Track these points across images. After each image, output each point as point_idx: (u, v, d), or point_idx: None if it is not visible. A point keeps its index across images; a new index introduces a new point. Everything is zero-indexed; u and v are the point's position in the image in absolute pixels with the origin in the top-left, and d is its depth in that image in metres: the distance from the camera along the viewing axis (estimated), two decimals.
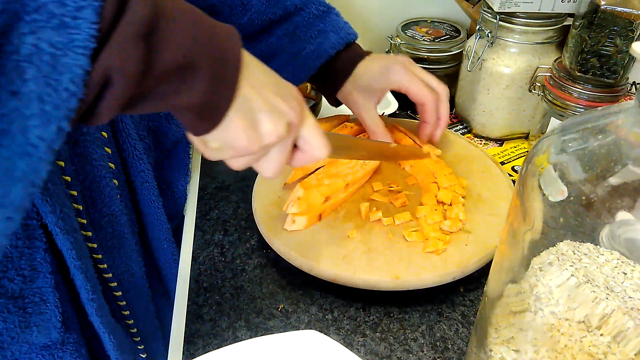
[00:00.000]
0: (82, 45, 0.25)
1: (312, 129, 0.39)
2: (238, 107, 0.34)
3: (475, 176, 0.64)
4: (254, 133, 0.35)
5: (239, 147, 0.35)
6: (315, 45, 0.61)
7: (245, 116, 0.34)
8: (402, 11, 0.92)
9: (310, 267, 0.53)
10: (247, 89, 0.34)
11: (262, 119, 0.35)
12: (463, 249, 0.54)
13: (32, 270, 0.43)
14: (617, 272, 0.29)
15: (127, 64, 0.27)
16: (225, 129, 0.34)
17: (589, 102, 0.65)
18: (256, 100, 0.34)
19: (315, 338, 0.40)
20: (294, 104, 0.37)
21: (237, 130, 0.34)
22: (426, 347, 0.49)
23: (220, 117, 0.33)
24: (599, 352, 0.29)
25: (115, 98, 0.28)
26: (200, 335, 0.50)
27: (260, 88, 0.35)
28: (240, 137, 0.34)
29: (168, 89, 0.31)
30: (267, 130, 0.35)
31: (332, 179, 0.60)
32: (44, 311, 0.45)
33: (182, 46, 0.30)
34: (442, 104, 0.62)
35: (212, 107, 0.33)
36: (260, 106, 0.35)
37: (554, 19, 0.70)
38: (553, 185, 0.30)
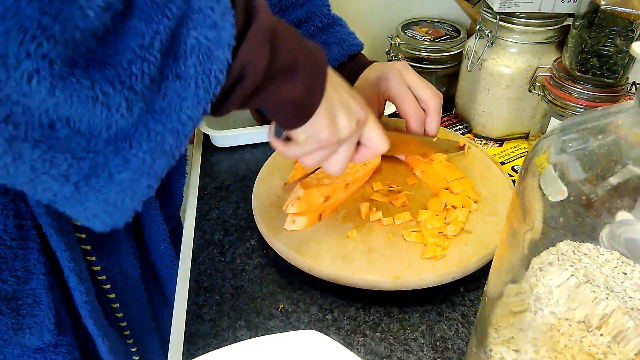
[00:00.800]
0: (227, 41, 0.31)
1: (374, 125, 0.46)
2: (324, 105, 0.39)
3: (475, 176, 0.64)
4: (334, 127, 0.41)
5: (322, 139, 0.41)
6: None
7: (328, 113, 0.40)
8: (402, 11, 0.92)
9: (310, 267, 0.53)
10: (330, 90, 0.40)
11: (339, 115, 0.41)
12: (463, 249, 0.54)
13: (25, 271, 0.43)
14: (617, 272, 0.29)
15: (258, 60, 0.33)
16: (313, 123, 0.40)
17: (589, 102, 0.65)
18: (336, 99, 0.41)
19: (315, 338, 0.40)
20: (362, 105, 0.43)
21: (322, 124, 0.40)
22: (426, 347, 0.49)
23: (312, 111, 0.39)
24: (599, 352, 0.29)
25: (245, 89, 0.34)
26: (200, 335, 0.50)
27: (339, 90, 0.42)
28: (324, 130, 0.40)
29: (277, 85, 0.36)
30: (343, 125, 0.41)
31: (332, 178, 0.60)
32: (37, 313, 0.45)
33: (292, 51, 0.36)
34: (430, 120, 0.60)
35: (307, 102, 0.38)
36: (339, 105, 0.41)
37: (554, 19, 0.70)
38: (553, 185, 0.30)
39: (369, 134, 0.46)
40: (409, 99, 0.58)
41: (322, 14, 0.65)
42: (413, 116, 0.58)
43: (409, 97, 0.58)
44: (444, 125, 0.82)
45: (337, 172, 0.45)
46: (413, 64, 0.83)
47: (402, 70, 0.59)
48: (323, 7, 0.66)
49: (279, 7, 0.64)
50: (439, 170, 0.63)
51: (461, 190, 0.60)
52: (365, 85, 0.61)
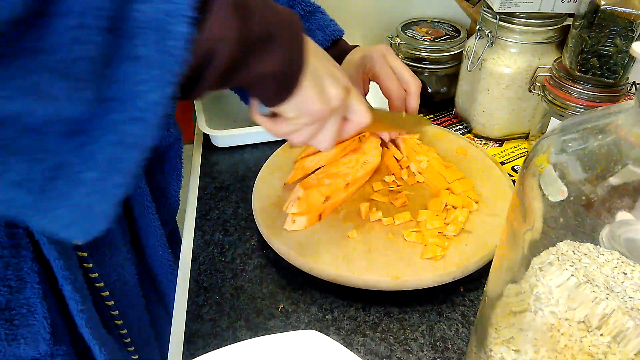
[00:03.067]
0: (185, 12, 0.28)
1: (358, 97, 0.44)
2: (308, 76, 0.37)
3: (475, 176, 0.64)
4: (324, 97, 0.39)
5: (314, 111, 0.39)
6: None
7: (315, 83, 0.38)
8: (402, 11, 0.92)
9: (310, 267, 0.53)
10: (312, 58, 0.38)
11: (327, 84, 0.39)
12: (463, 249, 0.54)
13: (19, 280, 0.42)
14: (617, 272, 0.29)
15: (228, 33, 0.31)
16: (301, 96, 0.37)
17: (589, 102, 0.65)
18: (320, 67, 0.39)
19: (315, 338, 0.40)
20: (344, 73, 0.42)
21: (311, 95, 0.38)
22: (426, 347, 0.49)
23: (296, 83, 0.37)
24: (599, 352, 0.29)
25: (217, 66, 0.31)
26: (200, 335, 0.50)
27: (321, 59, 0.39)
28: (314, 101, 0.38)
29: (255, 58, 0.34)
30: (333, 94, 0.39)
31: (332, 178, 0.60)
32: (32, 323, 0.43)
33: (265, 19, 0.33)
34: (411, 99, 0.62)
35: (289, 74, 0.36)
36: (325, 73, 0.39)
37: (554, 19, 0.70)
38: (553, 185, 0.30)
39: (354, 106, 0.44)
40: (393, 78, 0.61)
41: (304, 1, 0.65)
42: (396, 94, 0.61)
43: (393, 77, 0.61)
44: (444, 125, 0.82)
45: (327, 148, 0.44)
46: (413, 64, 0.83)
47: (385, 53, 0.62)
48: None
49: None
50: (439, 171, 0.63)
51: (462, 190, 0.60)
52: (350, 66, 0.63)
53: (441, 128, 0.74)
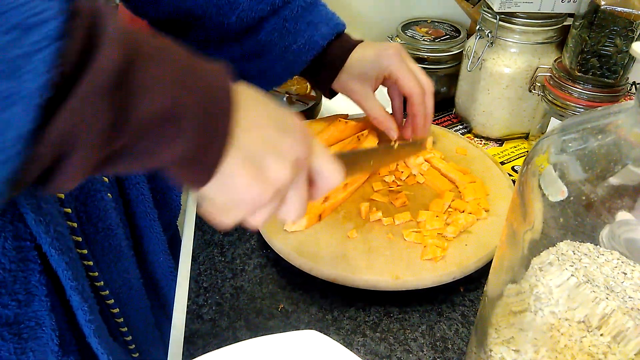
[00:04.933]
0: (33, 93, 0.21)
1: (322, 157, 0.35)
2: (236, 155, 0.30)
3: (476, 176, 0.64)
4: (262, 180, 0.31)
5: (249, 199, 0.31)
6: (306, 38, 0.60)
7: (247, 164, 0.30)
8: (402, 11, 0.92)
9: (310, 267, 0.53)
10: (243, 133, 0.30)
11: (266, 162, 0.31)
12: (463, 249, 0.54)
13: (27, 294, 0.41)
14: (617, 272, 0.29)
15: (94, 122, 0.23)
16: (226, 182, 0.31)
17: (589, 102, 0.65)
18: (255, 144, 0.31)
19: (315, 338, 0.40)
20: (299, 137, 0.33)
21: (242, 180, 0.30)
22: (426, 347, 0.49)
23: (212, 170, 0.30)
24: (599, 352, 0.29)
25: (80, 161, 0.24)
26: (200, 335, 0.50)
27: (259, 129, 0.31)
28: (247, 188, 0.31)
29: (147, 145, 0.27)
30: (275, 174, 0.31)
31: None
32: (40, 335, 0.43)
33: (161, 95, 0.26)
34: (428, 98, 0.61)
35: (201, 160, 0.29)
36: (262, 149, 0.31)
37: (554, 19, 0.70)
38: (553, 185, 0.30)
39: (318, 168, 0.35)
40: (412, 76, 0.59)
41: None
42: (417, 93, 0.60)
43: (412, 75, 0.60)
44: (444, 125, 0.82)
45: (297, 220, 0.38)
46: None
47: (400, 51, 0.61)
48: None
49: None
50: (446, 172, 0.63)
51: (473, 198, 0.59)
52: (363, 63, 0.61)
53: (441, 128, 0.74)
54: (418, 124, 0.62)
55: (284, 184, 0.32)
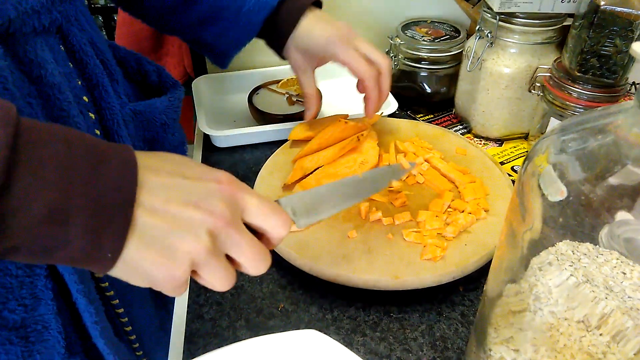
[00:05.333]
0: None
1: (258, 209, 0.34)
2: (138, 241, 0.29)
3: (475, 176, 0.64)
4: (171, 260, 0.30)
5: (161, 280, 0.30)
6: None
7: (153, 246, 0.29)
8: (402, 11, 0.92)
9: (310, 267, 0.53)
10: (146, 216, 0.29)
11: (174, 241, 0.30)
12: (463, 248, 0.54)
13: (33, 298, 0.41)
14: (616, 272, 0.29)
15: None
16: (133, 267, 0.30)
17: (588, 102, 0.65)
18: (158, 225, 0.29)
19: (315, 338, 0.40)
20: (213, 203, 0.31)
21: (150, 263, 0.30)
22: (426, 347, 0.49)
23: (111, 262, 0.29)
24: (598, 351, 0.29)
25: None
26: (200, 335, 0.50)
27: (163, 205, 0.30)
28: (156, 270, 0.30)
29: (38, 246, 0.27)
30: (186, 250, 0.30)
31: (331, 178, 0.60)
32: (46, 338, 0.43)
33: (43, 198, 0.26)
34: (384, 78, 0.62)
35: (97, 256, 0.28)
36: (167, 228, 0.30)
37: (553, 19, 0.70)
38: (552, 185, 0.30)
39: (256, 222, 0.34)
40: (361, 59, 0.60)
41: None
42: (369, 75, 0.61)
43: (361, 60, 0.60)
44: (444, 125, 0.82)
45: (226, 288, 0.34)
46: (413, 64, 0.83)
47: (348, 35, 0.61)
48: None
49: None
50: (446, 172, 0.63)
51: (473, 198, 0.59)
52: (309, 38, 0.61)
53: (441, 128, 0.74)
54: (370, 106, 0.63)
55: (198, 257, 0.31)
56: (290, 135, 0.71)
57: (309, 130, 0.70)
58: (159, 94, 0.57)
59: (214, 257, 0.32)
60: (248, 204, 0.34)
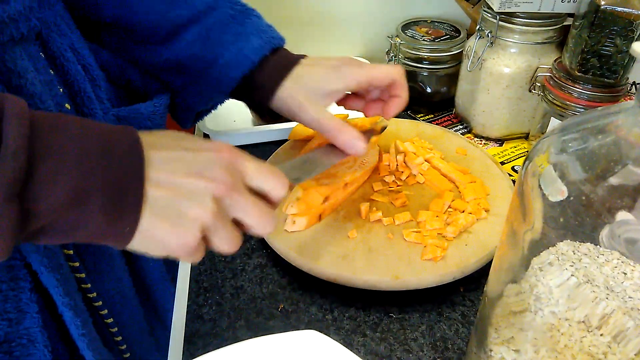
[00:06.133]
0: None
1: (257, 172, 0.36)
2: (150, 213, 0.31)
3: (475, 176, 0.64)
4: (182, 227, 0.32)
5: (177, 244, 0.33)
6: (235, 52, 0.53)
7: (163, 216, 0.32)
8: (402, 11, 0.92)
9: (310, 267, 0.53)
10: (154, 189, 0.32)
11: (182, 209, 0.32)
12: (463, 249, 0.54)
13: (18, 312, 0.41)
14: (617, 272, 0.29)
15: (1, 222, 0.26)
16: (149, 237, 0.32)
17: (589, 102, 0.65)
18: (167, 196, 0.32)
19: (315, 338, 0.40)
20: (215, 170, 0.34)
21: (163, 232, 0.32)
22: (426, 347, 0.49)
23: (129, 235, 0.31)
24: (599, 352, 0.29)
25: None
26: (200, 335, 0.50)
27: (169, 177, 0.32)
28: (170, 236, 0.32)
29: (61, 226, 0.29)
30: (193, 216, 0.32)
31: (331, 178, 0.60)
32: (32, 352, 0.42)
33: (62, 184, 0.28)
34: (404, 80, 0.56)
35: (116, 231, 0.31)
36: (174, 198, 0.32)
37: (554, 19, 0.70)
38: (553, 185, 0.30)
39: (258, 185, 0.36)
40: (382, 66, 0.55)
41: (233, 0, 0.55)
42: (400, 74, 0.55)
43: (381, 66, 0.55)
44: (444, 125, 0.82)
45: (233, 250, 0.36)
46: (413, 64, 0.83)
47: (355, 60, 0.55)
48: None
49: None
50: (446, 172, 0.63)
51: (473, 198, 0.59)
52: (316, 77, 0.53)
53: (441, 128, 0.74)
54: (401, 105, 0.57)
55: (206, 221, 0.33)
56: (290, 135, 0.71)
57: (309, 130, 0.70)
58: (144, 99, 0.55)
59: (221, 221, 0.34)
60: (247, 169, 0.36)
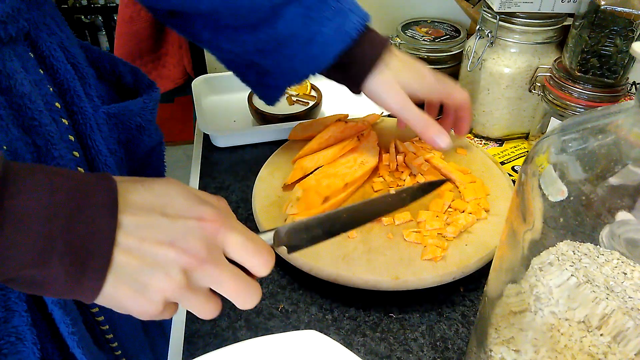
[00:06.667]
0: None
1: (240, 247, 0.34)
2: (114, 279, 0.31)
3: (475, 176, 0.64)
4: (144, 297, 0.31)
5: (136, 313, 0.32)
6: (334, 28, 0.53)
7: (128, 283, 0.31)
8: (402, 11, 0.92)
9: (310, 267, 0.53)
10: (121, 255, 0.30)
11: (147, 279, 0.31)
12: (463, 249, 0.54)
13: (6, 310, 0.40)
14: (617, 272, 0.29)
15: None
16: (112, 300, 0.32)
17: (589, 102, 0.65)
18: (134, 264, 0.31)
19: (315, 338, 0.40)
20: (189, 241, 0.32)
21: (125, 298, 0.31)
22: (426, 347, 0.49)
23: (91, 296, 0.31)
24: (599, 352, 0.29)
25: None
26: (200, 335, 0.50)
27: (139, 245, 0.31)
28: (131, 304, 0.32)
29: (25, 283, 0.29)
30: (157, 287, 0.31)
31: (331, 179, 0.60)
32: (20, 350, 0.41)
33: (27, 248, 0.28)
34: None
35: (79, 291, 0.30)
36: (141, 267, 0.31)
37: (554, 19, 0.70)
38: (553, 185, 0.30)
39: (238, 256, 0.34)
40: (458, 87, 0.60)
41: None
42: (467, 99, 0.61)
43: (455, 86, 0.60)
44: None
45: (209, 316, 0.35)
46: None
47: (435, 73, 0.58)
48: None
49: None
50: (446, 172, 0.63)
51: (473, 198, 0.59)
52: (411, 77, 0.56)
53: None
54: (468, 126, 0.63)
55: (171, 294, 0.32)
56: (290, 135, 0.71)
57: (309, 130, 0.70)
58: (135, 95, 0.55)
59: (189, 293, 0.33)
60: (230, 242, 0.34)
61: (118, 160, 0.53)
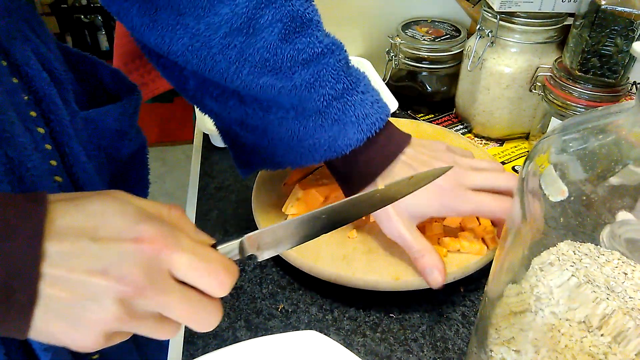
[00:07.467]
0: None
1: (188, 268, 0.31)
2: (45, 312, 0.28)
3: None
4: (80, 330, 0.29)
5: (75, 348, 0.30)
6: (327, 138, 0.49)
7: (60, 317, 0.28)
8: (402, 11, 0.92)
9: (310, 267, 0.52)
10: (49, 288, 0.28)
11: (80, 312, 0.29)
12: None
13: None
14: (617, 273, 0.29)
15: None
16: (45, 334, 0.29)
17: (589, 102, 0.65)
18: (62, 296, 0.28)
19: (315, 338, 0.40)
20: (124, 267, 0.29)
21: (59, 333, 0.29)
22: (426, 348, 0.49)
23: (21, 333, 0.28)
24: (599, 352, 0.29)
25: None
26: (199, 336, 0.50)
27: (67, 275, 0.28)
28: (66, 339, 0.29)
29: None
30: (92, 320, 0.29)
31: (331, 178, 0.60)
32: None
33: None
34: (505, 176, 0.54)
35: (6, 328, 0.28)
36: (72, 299, 0.28)
37: (554, 18, 0.69)
38: (553, 185, 0.30)
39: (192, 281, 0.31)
40: (487, 202, 0.51)
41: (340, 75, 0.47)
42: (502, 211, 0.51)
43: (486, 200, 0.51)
44: (444, 125, 0.82)
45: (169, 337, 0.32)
46: (413, 64, 0.82)
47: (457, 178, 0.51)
48: (336, 65, 0.47)
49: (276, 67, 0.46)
50: None
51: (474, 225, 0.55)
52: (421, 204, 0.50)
53: (442, 128, 0.74)
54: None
55: (108, 326, 0.29)
56: None
57: None
58: (116, 99, 0.53)
59: (134, 321, 0.30)
60: (175, 263, 0.30)
61: (98, 166, 0.51)
